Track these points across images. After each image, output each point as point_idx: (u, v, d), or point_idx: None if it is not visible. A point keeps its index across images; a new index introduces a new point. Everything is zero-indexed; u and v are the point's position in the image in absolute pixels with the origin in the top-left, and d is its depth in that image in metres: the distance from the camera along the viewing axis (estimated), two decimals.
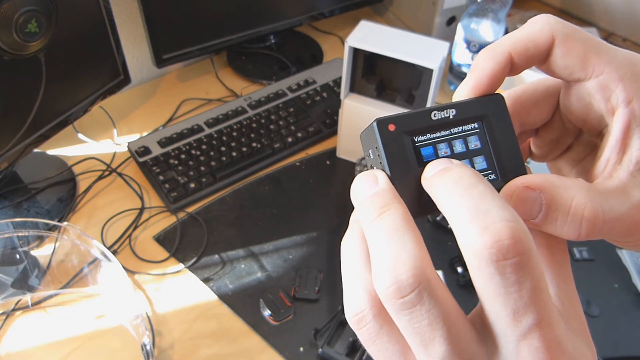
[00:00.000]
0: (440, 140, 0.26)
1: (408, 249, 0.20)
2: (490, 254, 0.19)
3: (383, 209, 0.22)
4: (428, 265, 0.20)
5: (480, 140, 0.26)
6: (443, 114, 0.26)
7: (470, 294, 0.73)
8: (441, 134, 0.26)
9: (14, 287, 0.69)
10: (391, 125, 0.25)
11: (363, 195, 0.23)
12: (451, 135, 0.26)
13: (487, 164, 0.26)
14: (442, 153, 0.26)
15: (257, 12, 1.03)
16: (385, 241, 0.21)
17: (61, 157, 0.90)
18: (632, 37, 1.22)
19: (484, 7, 0.96)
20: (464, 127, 0.26)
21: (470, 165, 0.26)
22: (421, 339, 0.20)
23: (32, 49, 0.69)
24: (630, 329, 0.70)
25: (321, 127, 0.95)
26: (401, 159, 0.25)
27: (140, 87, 1.05)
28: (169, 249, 0.77)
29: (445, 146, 0.26)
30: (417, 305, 0.20)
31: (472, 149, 0.26)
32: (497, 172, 0.26)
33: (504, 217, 0.19)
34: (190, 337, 0.68)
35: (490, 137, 0.27)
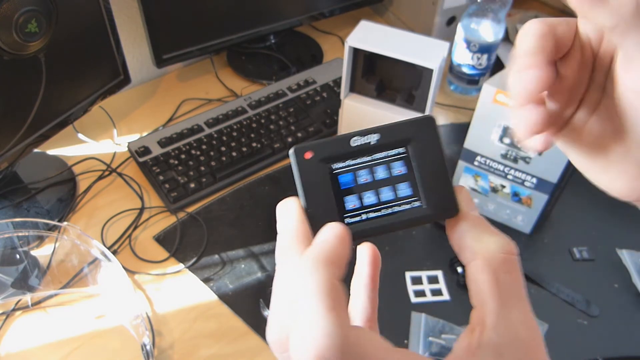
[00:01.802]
0: (360, 166, 0.25)
1: (322, 323, 0.21)
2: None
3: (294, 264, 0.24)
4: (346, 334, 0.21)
5: (405, 165, 0.26)
6: (364, 139, 0.25)
7: None
8: (362, 159, 0.25)
9: (14, 287, 0.69)
10: (308, 153, 0.25)
11: (280, 230, 0.25)
12: (373, 161, 0.25)
13: (411, 191, 0.26)
14: (362, 180, 0.25)
15: (257, 12, 1.03)
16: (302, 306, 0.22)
17: (61, 157, 0.90)
18: None
19: (484, 7, 0.96)
20: (388, 152, 0.25)
21: (393, 193, 0.25)
22: None
23: (32, 49, 0.69)
24: (630, 329, 0.70)
25: (321, 127, 0.95)
26: (317, 187, 0.24)
27: (140, 87, 1.05)
28: (169, 249, 0.77)
29: (366, 172, 0.25)
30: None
31: (396, 174, 0.26)
32: (423, 198, 0.26)
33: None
34: (190, 337, 0.68)
35: (416, 162, 0.26)
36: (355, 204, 0.25)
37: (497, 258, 0.24)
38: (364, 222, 0.25)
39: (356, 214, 0.25)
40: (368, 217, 0.25)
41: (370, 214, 0.25)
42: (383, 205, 0.26)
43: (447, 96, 1.06)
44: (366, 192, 0.25)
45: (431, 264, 0.76)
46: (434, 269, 0.76)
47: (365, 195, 0.25)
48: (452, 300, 0.72)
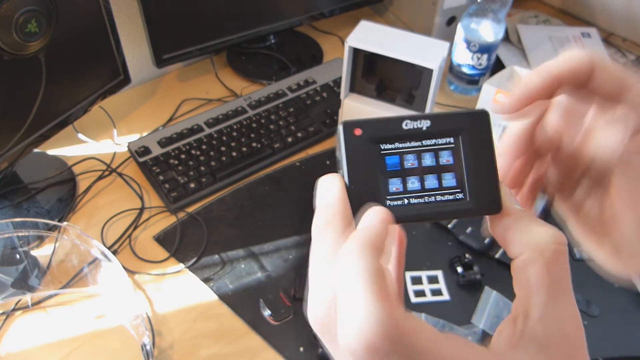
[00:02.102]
0: (408, 150, 0.25)
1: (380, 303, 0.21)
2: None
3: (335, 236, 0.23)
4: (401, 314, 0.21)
5: (453, 156, 0.25)
6: (416, 124, 0.25)
7: (471, 294, 0.73)
8: (411, 144, 0.25)
9: (14, 287, 0.69)
10: (357, 130, 0.24)
11: (320, 205, 0.24)
12: (421, 147, 0.25)
13: (456, 182, 0.25)
14: (408, 164, 0.25)
15: (257, 12, 1.03)
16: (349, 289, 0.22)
17: (61, 157, 0.90)
18: (632, 37, 1.22)
19: (484, 7, 0.96)
20: (437, 140, 0.25)
21: (437, 182, 0.25)
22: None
23: (32, 49, 0.69)
24: (630, 329, 0.70)
25: (321, 127, 0.95)
26: (363, 166, 0.24)
27: (140, 87, 1.05)
28: (169, 249, 0.77)
29: (413, 157, 0.25)
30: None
31: (443, 164, 0.25)
32: (467, 191, 0.25)
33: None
34: (190, 337, 0.68)
35: (465, 154, 0.25)
36: (398, 187, 0.25)
37: (549, 249, 0.24)
38: (405, 207, 0.25)
39: (398, 198, 0.25)
40: (410, 202, 0.25)
41: (413, 200, 0.25)
42: (426, 193, 0.25)
43: (447, 96, 1.06)
44: (411, 177, 0.25)
45: (431, 264, 0.76)
46: (434, 269, 0.76)
47: (409, 180, 0.25)
48: (452, 300, 0.72)
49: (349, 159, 0.24)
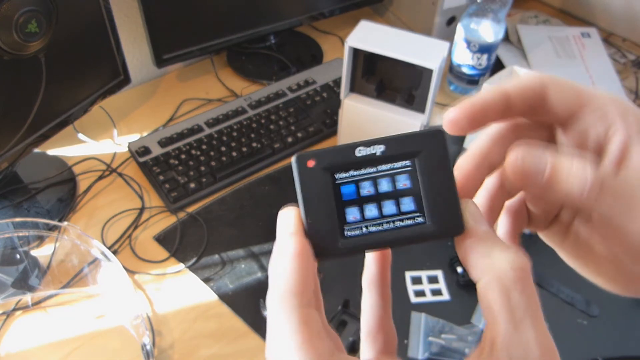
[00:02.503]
0: (363, 178, 0.25)
1: (301, 351, 0.21)
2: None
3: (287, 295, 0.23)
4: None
5: (410, 179, 0.25)
6: (369, 150, 0.25)
7: (471, 294, 0.73)
8: (366, 171, 0.25)
9: (14, 287, 0.69)
10: (310, 161, 0.24)
11: (278, 237, 0.24)
12: (377, 173, 0.25)
13: (415, 206, 0.25)
14: (364, 192, 0.25)
15: (257, 12, 1.03)
16: (279, 335, 0.22)
17: (61, 157, 0.90)
18: (632, 37, 1.22)
19: (484, 7, 0.96)
20: (393, 164, 0.25)
21: (396, 207, 0.25)
22: None
23: (32, 49, 0.69)
24: (630, 329, 0.70)
25: (321, 127, 0.95)
26: (318, 197, 0.24)
27: (140, 87, 1.05)
28: (169, 249, 0.77)
29: (369, 184, 0.25)
30: None
31: (400, 188, 0.25)
32: (427, 214, 0.25)
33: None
34: (190, 337, 0.68)
35: (422, 176, 0.25)
36: (356, 216, 0.25)
37: (507, 276, 0.23)
38: (364, 236, 0.25)
39: (357, 227, 0.25)
40: (369, 230, 0.25)
41: (372, 228, 0.25)
42: (384, 220, 0.25)
43: (447, 96, 1.06)
44: (368, 204, 0.25)
45: (431, 264, 0.76)
46: (434, 269, 0.76)
47: (367, 207, 0.25)
48: (452, 300, 0.72)
49: (303, 192, 0.24)
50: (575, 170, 0.24)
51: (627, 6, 1.21)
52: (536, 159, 0.24)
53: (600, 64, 1.11)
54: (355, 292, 0.75)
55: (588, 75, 1.08)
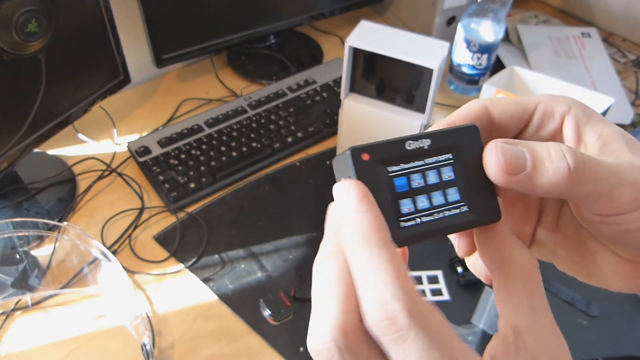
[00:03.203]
0: (413, 170, 0.26)
1: (397, 281, 0.21)
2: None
3: (370, 232, 0.22)
4: (417, 295, 0.21)
5: (453, 171, 0.26)
6: (418, 143, 0.26)
7: (471, 294, 0.73)
8: (415, 164, 0.26)
9: (14, 287, 0.69)
10: (365, 155, 0.25)
11: (347, 209, 0.23)
12: (425, 166, 0.26)
13: (459, 196, 0.26)
14: (415, 184, 0.25)
15: (257, 12, 1.03)
16: (372, 270, 0.21)
17: (61, 157, 0.90)
18: (632, 37, 1.22)
19: (484, 7, 0.96)
20: (438, 157, 0.26)
21: (443, 198, 0.26)
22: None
23: (32, 49, 0.69)
24: (630, 329, 0.70)
25: (321, 127, 0.95)
26: (373, 190, 0.24)
27: (140, 87, 1.05)
28: (169, 249, 0.77)
29: (419, 177, 0.26)
30: (409, 337, 0.20)
31: (446, 180, 0.26)
32: (469, 203, 0.26)
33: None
34: (190, 337, 0.68)
35: (464, 168, 0.26)
36: (410, 207, 0.25)
37: (530, 267, 0.24)
38: (418, 226, 0.26)
39: (411, 218, 0.25)
40: (422, 220, 0.26)
41: (424, 218, 0.26)
42: (435, 210, 0.26)
43: (447, 96, 1.06)
44: (419, 196, 0.26)
45: (431, 264, 0.76)
46: (434, 269, 0.76)
47: (419, 199, 0.26)
48: (452, 300, 0.72)
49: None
50: (553, 151, 0.24)
51: (627, 6, 1.21)
52: (513, 149, 0.24)
53: (600, 64, 1.11)
54: None
55: (588, 75, 1.08)
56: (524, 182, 0.24)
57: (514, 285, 0.24)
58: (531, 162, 0.24)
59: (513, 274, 0.24)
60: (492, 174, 0.25)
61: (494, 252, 0.26)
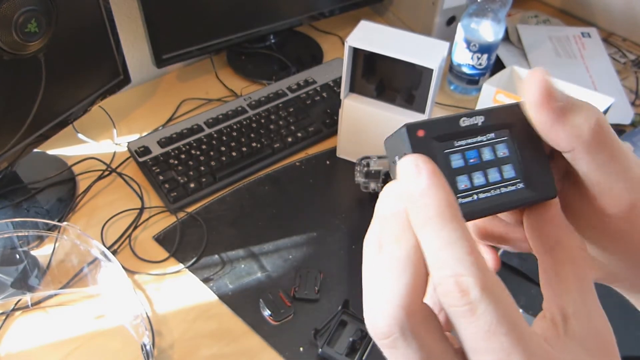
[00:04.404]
0: (469, 147, 0.26)
1: (471, 256, 0.21)
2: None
3: (444, 208, 0.21)
4: (489, 271, 0.21)
5: (508, 148, 0.26)
6: (472, 120, 0.25)
7: None
8: (470, 140, 0.26)
9: (13, 287, 0.69)
10: (420, 131, 0.24)
11: (419, 185, 0.22)
12: (480, 143, 0.26)
13: (515, 173, 0.26)
14: (471, 161, 0.25)
15: (257, 12, 1.03)
16: (447, 245, 0.21)
17: (61, 157, 0.90)
18: (632, 37, 1.22)
19: (484, 7, 0.96)
20: (492, 134, 0.26)
21: (499, 174, 0.26)
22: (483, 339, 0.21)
23: (31, 49, 0.69)
24: (630, 329, 0.70)
25: (321, 127, 0.95)
26: None
27: (140, 87, 1.05)
28: (168, 249, 0.77)
29: (474, 153, 0.26)
30: (478, 310, 0.20)
31: (501, 156, 0.26)
32: (525, 180, 0.26)
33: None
34: (190, 337, 0.68)
35: (519, 145, 0.26)
36: (466, 184, 0.25)
37: (579, 252, 0.24)
38: (475, 203, 0.25)
39: (468, 194, 0.25)
40: (479, 197, 0.26)
41: (481, 195, 0.26)
42: (491, 187, 0.26)
43: (447, 96, 1.06)
44: (475, 172, 0.26)
45: None
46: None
47: (475, 175, 0.26)
48: None
49: None
50: (587, 105, 0.24)
51: (627, 6, 1.21)
52: (554, 83, 0.24)
53: (600, 63, 1.11)
54: (355, 292, 0.75)
55: (588, 75, 1.08)
56: (555, 113, 0.24)
57: (562, 270, 0.24)
58: (566, 101, 0.24)
59: (562, 258, 0.24)
60: (530, 93, 0.24)
61: (544, 234, 0.26)
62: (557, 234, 0.25)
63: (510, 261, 0.76)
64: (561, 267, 0.24)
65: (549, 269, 0.25)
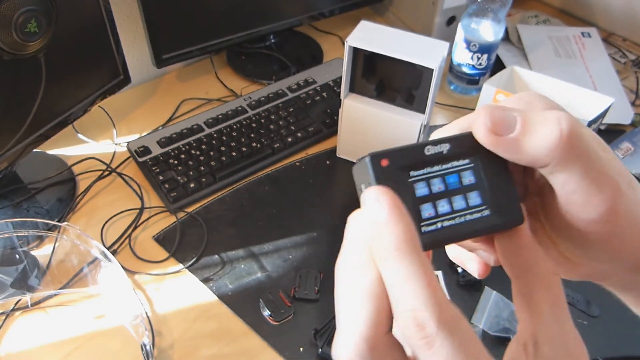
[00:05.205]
0: (433, 175, 0.26)
1: (427, 290, 0.21)
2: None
3: (402, 242, 0.22)
4: (446, 304, 0.21)
5: (474, 175, 0.26)
6: (437, 148, 0.25)
7: (471, 294, 0.73)
8: (434, 169, 0.26)
9: (13, 287, 0.69)
10: (384, 161, 0.24)
11: (378, 218, 0.22)
12: (445, 171, 0.26)
13: (481, 200, 0.26)
14: (435, 188, 0.25)
15: (257, 12, 1.03)
16: (404, 280, 0.21)
17: (61, 157, 0.90)
18: (632, 37, 1.22)
19: (484, 7, 0.96)
20: (458, 162, 0.26)
21: (465, 202, 0.26)
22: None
23: (31, 49, 0.69)
24: (630, 329, 0.70)
25: (321, 127, 0.95)
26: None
27: (140, 87, 1.05)
28: (168, 249, 0.77)
29: (439, 181, 0.26)
30: (436, 343, 0.20)
31: (467, 184, 0.26)
32: (492, 207, 0.26)
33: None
34: (190, 337, 0.68)
35: (485, 172, 0.26)
36: (430, 212, 0.25)
37: (551, 276, 0.25)
38: (439, 231, 0.26)
39: (432, 223, 0.25)
40: (443, 225, 0.26)
41: (445, 223, 0.26)
42: (456, 214, 0.26)
43: (447, 96, 1.06)
44: (440, 200, 0.26)
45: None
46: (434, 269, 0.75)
47: (439, 203, 0.26)
48: (452, 300, 0.72)
49: None
50: (549, 115, 0.23)
51: (627, 6, 1.21)
52: (502, 112, 0.24)
53: (600, 63, 1.11)
54: None
55: (588, 75, 1.08)
56: (510, 144, 0.24)
57: (535, 294, 0.24)
58: (521, 125, 0.24)
59: (534, 282, 0.24)
60: (478, 133, 0.25)
61: (515, 259, 0.25)
62: (529, 260, 0.25)
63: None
64: (534, 292, 0.24)
65: (521, 293, 0.25)
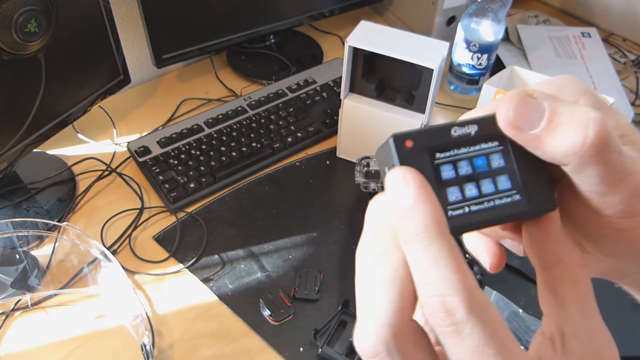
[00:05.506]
0: (460, 157, 0.25)
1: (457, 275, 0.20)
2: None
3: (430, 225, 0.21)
4: (476, 289, 0.20)
5: (503, 158, 0.25)
6: (464, 130, 0.24)
7: None
8: (462, 151, 0.25)
9: (13, 287, 0.69)
10: (408, 142, 0.23)
11: (406, 200, 0.21)
12: (472, 153, 0.25)
13: (511, 184, 0.25)
14: (463, 171, 0.24)
15: (257, 12, 1.03)
16: (432, 263, 0.20)
17: (61, 157, 0.90)
18: (632, 37, 1.22)
19: (484, 7, 0.96)
20: (486, 144, 0.25)
21: (493, 185, 0.25)
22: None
23: (31, 49, 0.69)
24: (630, 329, 0.70)
25: (321, 127, 0.95)
26: None
27: (140, 87, 1.05)
28: (168, 249, 0.77)
29: (466, 164, 0.25)
30: (465, 331, 0.20)
31: (495, 167, 0.25)
32: (522, 192, 0.25)
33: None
34: (190, 337, 0.68)
35: (516, 155, 0.25)
36: (457, 195, 0.24)
37: (579, 270, 0.24)
38: (467, 215, 0.24)
39: (459, 207, 0.24)
40: (471, 209, 0.24)
41: (473, 207, 0.25)
42: (485, 198, 0.25)
43: (447, 96, 1.06)
44: (467, 183, 0.25)
45: None
46: None
47: (467, 187, 0.25)
48: None
49: None
50: (579, 116, 0.21)
51: (627, 6, 1.21)
52: (528, 108, 0.22)
53: (600, 63, 1.11)
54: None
55: (588, 75, 1.08)
56: (531, 140, 0.23)
57: (562, 287, 0.23)
58: (547, 122, 0.22)
59: (563, 276, 0.23)
60: (500, 123, 0.23)
61: (544, 251, 0.24)
62: (558, 251, 0.24)
63: (510, 261, 0.76)
64: (561, 285, 0.23)
65: (548, 286, 0.24)
